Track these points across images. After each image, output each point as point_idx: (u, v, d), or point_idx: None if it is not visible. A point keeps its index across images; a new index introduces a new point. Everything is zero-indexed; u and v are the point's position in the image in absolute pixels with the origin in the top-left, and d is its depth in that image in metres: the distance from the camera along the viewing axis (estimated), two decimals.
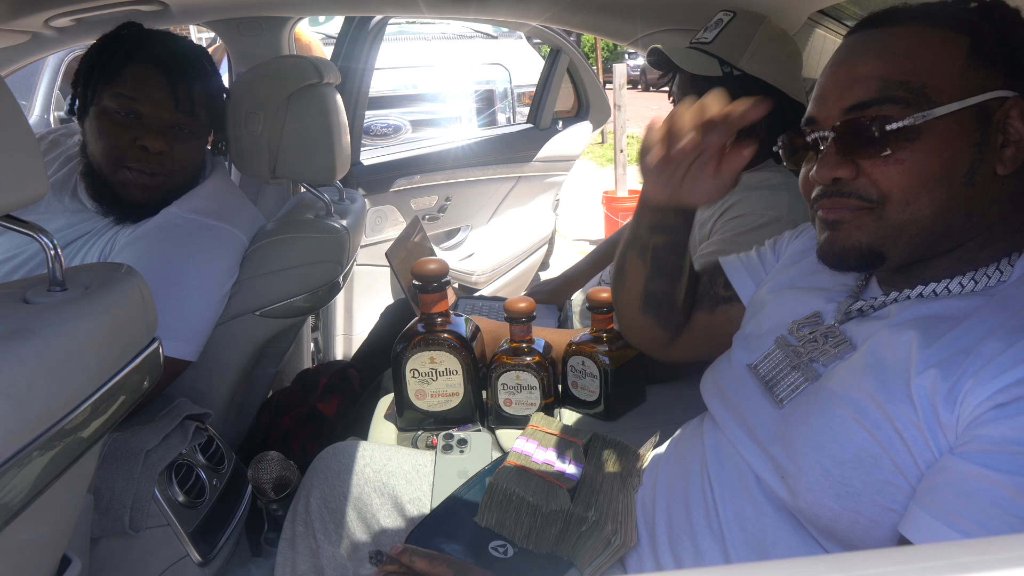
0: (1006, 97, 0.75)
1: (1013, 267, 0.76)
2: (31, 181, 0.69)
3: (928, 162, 0.74)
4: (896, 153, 0.75)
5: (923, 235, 0.77)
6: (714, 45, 1.48)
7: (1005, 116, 0.75)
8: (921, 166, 0.74)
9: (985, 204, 0.76)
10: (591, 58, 10.21)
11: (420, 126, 4.38)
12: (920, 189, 0.75)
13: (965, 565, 0.33)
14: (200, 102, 1.44)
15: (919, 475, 0.70)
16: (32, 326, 0.68)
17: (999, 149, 0.75)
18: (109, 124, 1.39)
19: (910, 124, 0.74)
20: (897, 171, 0.75)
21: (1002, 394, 0.65)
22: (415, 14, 3.03)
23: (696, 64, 1.47)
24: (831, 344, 0.83)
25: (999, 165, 0.75)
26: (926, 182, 0.75)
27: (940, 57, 0.75)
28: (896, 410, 0.71)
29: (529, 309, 1.28)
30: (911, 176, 0.75)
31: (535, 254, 3.37)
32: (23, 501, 0.66)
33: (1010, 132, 0.75)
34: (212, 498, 1.32)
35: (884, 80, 0.76)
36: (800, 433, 0.78)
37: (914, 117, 0.74)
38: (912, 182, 0.75)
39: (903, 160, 0.75)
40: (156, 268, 1.34)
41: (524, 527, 0.97)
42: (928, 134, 0.74)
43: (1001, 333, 0.70)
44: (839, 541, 0.76)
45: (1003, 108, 0.75)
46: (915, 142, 0.74)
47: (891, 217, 0.77)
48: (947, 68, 0.75)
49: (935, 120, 0.74)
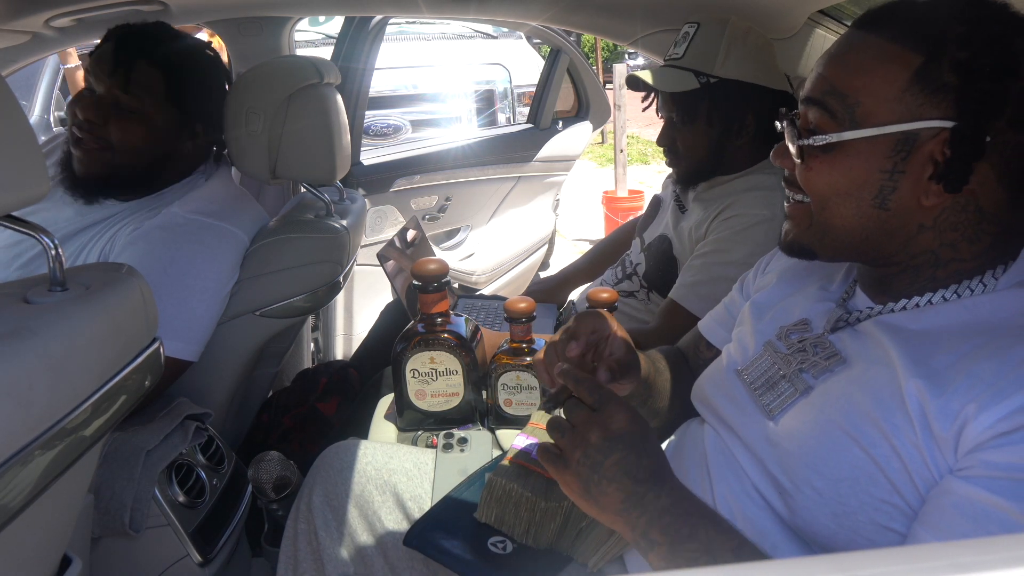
0: (941, 128, 0.72)
1: (997, 280, 0.76)
2: (31, 181, 0.69)
3: (835, 178, 0.78)
4: (809, 160, 0.80)
5: (845, 241, 0.81)
6: (686, 59, 1.50)
7: (941, 147, 0.73)
8: (829, 178, 0.79)
9: (911, 230, 0.77)
10: (591, 58, 10.21)
11: (420, 126, 4.37)
12: (830, 198, 0.79)
13: (965, 565, 0.33)
14: (142, 83, 1.42)
15: (915, 493, 0.69)
16: (33, 326, 0.68)
17: (926, 180, 0.74)
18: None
19: (823, 142, 0.77)
20: (811, 176, 0.80)
21: (1005, 422, 0.65)
22: (415, 14, 3.03)
23: (671, 82, 1.50)
24: (821, 356, 0.83)
25: (922, 195, 0.75)
26: (834, 195, 0.79)
27: (881, 78, 0.75)
28: (893, 428, 0.71)
29: (529, 309, 1.28)
30: (821, 184, 0.80)
31: (535, 254, 3.36)
32: (24, 501, 0.66)
33: (941, 164, 0.73)
34: (212, 498, 1.32)
35: (830, 86, 0.78)
36: (795, 452, 0.78)
37: (828, 136, 0.77)
38: (823, 190, 0.80)
39: (813, 168, 0.80)
40: (158, 268, 1.34)
41: (523, 523, 0.98)
42: (841, 152, 0.77)
43: (991, 350, 0.70)
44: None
45: (937, 139, 0.73)
46: (828, 155, 0.78)
47: (816, 216, 0.82)
48: (884, 91, 0.75)
49: (849, 141, 0.76)
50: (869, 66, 0.76)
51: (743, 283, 1.10)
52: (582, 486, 0.76)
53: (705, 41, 1.49)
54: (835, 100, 0.77)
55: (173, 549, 1.24)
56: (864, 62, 0.77)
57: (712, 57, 1.48)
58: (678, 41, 1.53)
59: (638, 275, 1.70)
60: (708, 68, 1.48)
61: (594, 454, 0.75)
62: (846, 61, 0.78)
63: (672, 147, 1.59)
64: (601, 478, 0.75)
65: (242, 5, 1.93)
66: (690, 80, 1.48)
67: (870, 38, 0.78)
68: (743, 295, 1.08)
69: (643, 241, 1.74)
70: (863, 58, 0.77)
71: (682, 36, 1.53)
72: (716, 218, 1.52)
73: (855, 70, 0.77)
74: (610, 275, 1.79)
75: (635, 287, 1.70)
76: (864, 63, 0.77)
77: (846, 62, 0.78)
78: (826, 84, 0.79)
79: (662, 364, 1.07)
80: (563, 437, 0.78)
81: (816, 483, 0.74)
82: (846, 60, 0.79)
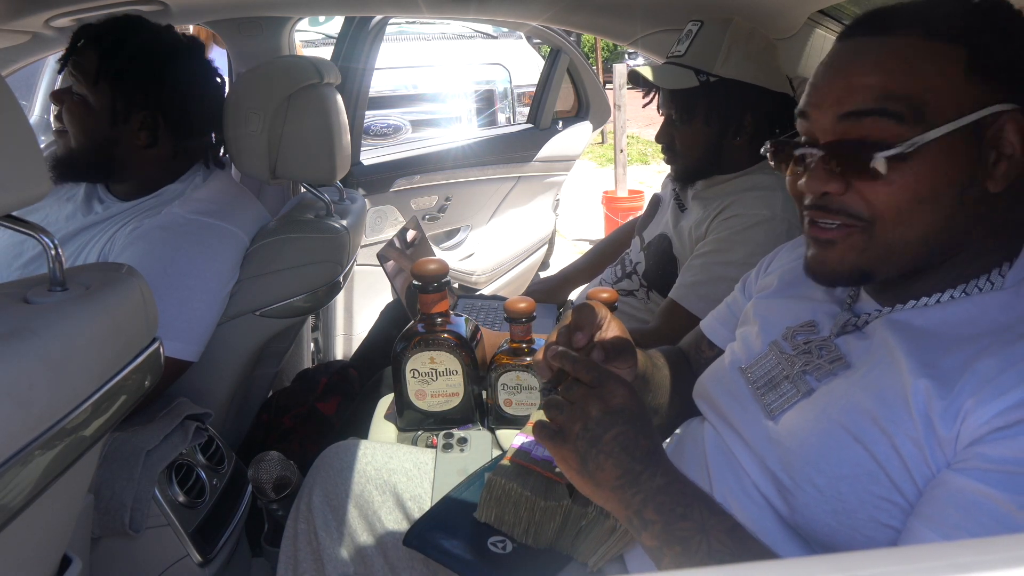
0: (1001, 112, 0.72)
1: (1004, 278, 0.76)
2: (31, 181, 0.69)
3: (919, 184, 0.73)
4: (887, 174, 0.73)
5: (911, 255, 0.76)
6: (687, 57, 1.50)
7: (1000, 130, 0.73)
8: (912, 188, 0.73)
9: (972, 223, 0.75)
10: (591, 58, 10.21)
11: (420, 126, 4.37)
12: (910, 210, 0.74)
13: (965, 565, 0.33)
14: (82, 67, 1.42)
15: (915, 490, 0.70)
16: (33, 326, 0.68)
17: (991, 166, 0.74)
18: None
19: (910, 147, 0.72)
20: (887, 192, 0.74)
21: (1001, 417, 0.65)
22: (415, 14, 3.02)
23: (672, 79, 1.50)
24: (826, 359, 0.82)
25: (990, 182, 0.74)
26: (916, 203, 0.73)
27: (938, 72, 0.73)
28: (895, 427, 0.71)
29: (529, 309, 1.28)
30: (901, 197, 0.73)
31: (535, 254, 3.36)
32: (24, 501, 0.66)
33: (1004, 147, 0.73)
34: (212, 498, 1.32)
35: (883, 92, 0.73)
36: (796, 449, 0.78)
37: (907, 143, 0.72)
38: (902, 203, 0.74)
39: (894, 181, 0.73)
40: (159, 268, 1.34)
41: (523, 522, 0.98)
42: (921, 157, 0.72)
43: (995, 348, 0.70)
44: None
45: (998, 122, 0.73)
46: (907, 163, 0.72)
47: (880, 237, 0.76)
48: (945, 84, 0.73)
49: (929, 143, 0.72)
50: (919, 64, 0.73)
51: (745, 283, 1.10)
52: (579, 461, 0.75)
53: (707, 40, 1.49)
54: (898, 104, 0.73)
55: (173, 549, 1.24)
56: (911, 60, 0.74)
57: (713, 56, 1.48)
58: (681, 39, 1.54)
59: (637, 274, 1.70)
60: (708, 67, 1.48)
61: (594, 427, 0.75)
62: (887, 65, 0.74)
63: (670, 145, 1.59)
64: (599, 452, 0.74)
65: (242, 5, 1.93)
66: (690, 78, 1.48)
67: (899, 40, 0.75)
68: (745, 295, 1.08)
69: (643, 240, 1.74)
70: (907, 57, 0.74)
71: (685, 34, 1.53)
72: (716, 218, 1.52)
73: (905, 69, 0.73)
74: (609, 274, 1.79)
75: (634, 286, 1.70)
76: (911, 61, 0.74)
77: (888, 66, 0.74)
78: (873, 91, 0.74)
79: (660, 361, 1.07)
80: (561, 414, 0.77)
81: (817, 480, 0.75)
82: (886, 64, 0.74)
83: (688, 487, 0.75)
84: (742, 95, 1.49)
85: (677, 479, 0.75)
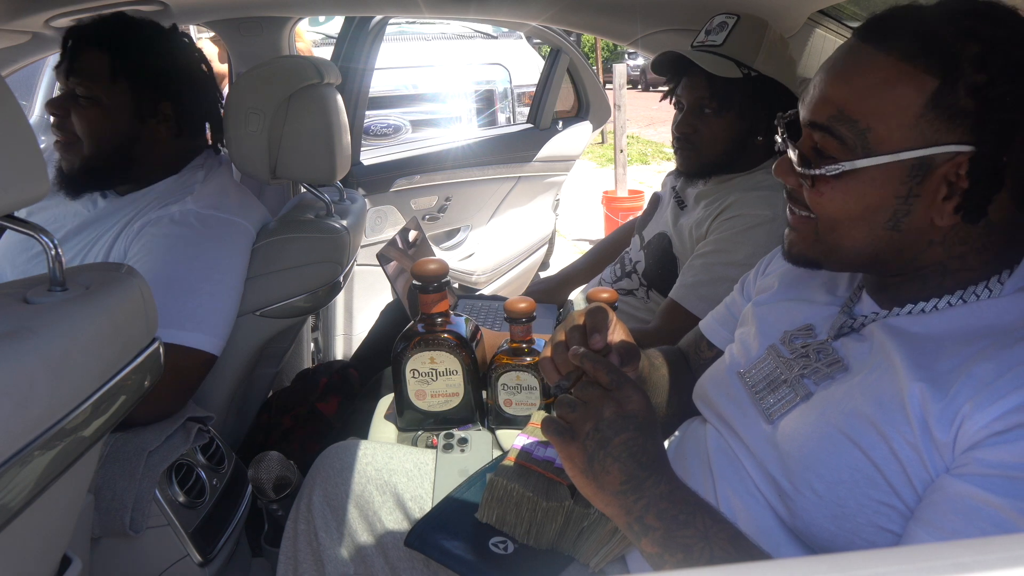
0: (957, 151, 0.71)
1: (1003, 285, 0.76)
2: (31, 181, 0.69)
3: (848, 203, 0.77)
4: (818, 184, 0.78)
5: (853, 258, 0.80)
6: (727, 47, 1.47)
7: (956, 169, 0.71)
8: (841, 204, 0.77)
9: (921, 247, 0.77)
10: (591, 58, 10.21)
11: (420, 126, 4.37)
12: (841, 221, 0.78)
13: (965, 565, 0.33)
14: (90, 69, 1.41)
15: (913, 495, 0.70)
16: (32, 326, 0.68)
17: (940, 201, 0.73)
18: None
19: (835, 171, 0.76)
20: (821, 200, 0.79)
21: (1000, 422, 0.66)
22: (415, 14, 3.02)
23: (717, 67, 1.47)
24: (824, 363, 0.83)
25: (936, 216, 0.74)
26: (846, 218, 0.78)
27: (893, 103, 0.72)
28: (892, 431, 0.71)
29: (529, 309, 1.28)
30: (832, 209, 0.78)
31: (535, 254, 3.37)
32: (23, 501, 0.66)
33: (957, 187, 0.72)
34: (212, 498, 1.32)
35: (839, 111, 0.75)
36: (795, 454, 0.78)
37: (840, 165, 0.75)
38: (833, 214, 0.78)
39: (824, 193, 0.78)
40: (184, 263, 1.34)
41: (525, 523, 0.98)
42: (852, 178, 0.75)
43: (992, 351, 0.70)
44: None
45: (953, 162, 0.71)
46: (839, 181, 0.76)
47: (822, 235, 0.81)
48: (897, 116, 0.72)
49: (860, 169, 0.74)
50: (879, 89, 0.73)
51: (744, 284, 1.10)
52: (586, 461, 0.75)
53: (746, 33, 1.47)
54: (844, 126, 0.74)
55: (173, 549, 1.24)
56: (874, 84, 0.73)
57: (754, 51, 1.46)
58: (712, 30, 1.51)
59: (637, 273, 1.70)
60: (749, 60, 1.46)
61: (605, 429, 0.75)
62: (853, 82, 0.75)
63: (691, 136, 1.55)
64: (607, 455, 0.74)
65: (242, 5, 1.93)
66: (732, 69, 1.46)
67: (878, 56, 0.74)
68: (744, 296, 1.08)
69: (642, 239, 1.74)
70: (872, 80, 0.73)
71: (718, 25, 1.50)
72: (717, 217, 1.52)
73: (864, 92, 0.74)
74: (609, 273, 1.79)
75: (634, 285, 1.69)
76: (874, 85, 0.73)
77: (853, 83, 0.75)
78: (832, 108, 0.75)
79: (659, 361, 1.07)
80: (573, 412, 0.77)
81: (816, 485, 0.75)
82: (853, 81, 0.75)
83: (690, 495, 0.75)
84: (776, 94, 1.48)
85: (680, 487, 0.75)
